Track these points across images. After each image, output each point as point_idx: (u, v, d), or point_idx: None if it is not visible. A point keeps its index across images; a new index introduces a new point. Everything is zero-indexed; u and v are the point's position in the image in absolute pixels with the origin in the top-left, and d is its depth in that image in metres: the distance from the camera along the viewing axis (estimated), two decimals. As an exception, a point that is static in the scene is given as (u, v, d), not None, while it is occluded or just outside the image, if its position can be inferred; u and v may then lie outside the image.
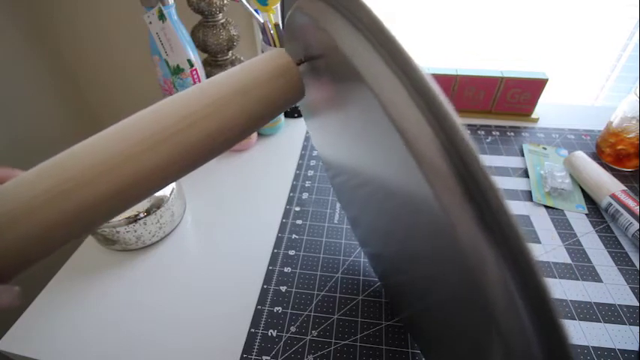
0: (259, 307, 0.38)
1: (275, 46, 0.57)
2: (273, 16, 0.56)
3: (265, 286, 0.39)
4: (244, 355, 0.34)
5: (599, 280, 0.39)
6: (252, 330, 0.36)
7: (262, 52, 0.63)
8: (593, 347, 0.34)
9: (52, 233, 0.18)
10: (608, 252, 0.41)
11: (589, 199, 0.48)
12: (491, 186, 0.13)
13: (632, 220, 0.42)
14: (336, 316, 0.37)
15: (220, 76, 0.23)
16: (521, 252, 0.12)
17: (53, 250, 0.19)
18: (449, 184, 0.14)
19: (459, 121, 0.13)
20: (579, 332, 0.35)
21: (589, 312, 0.36)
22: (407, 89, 0.15)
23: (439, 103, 0.14)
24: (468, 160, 0.13)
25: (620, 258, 0.41)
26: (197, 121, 0.21)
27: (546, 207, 0.47)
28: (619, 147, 0.51)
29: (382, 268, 0.33)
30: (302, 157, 0.56)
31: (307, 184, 0.52)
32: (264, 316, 0.37)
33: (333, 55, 0.19)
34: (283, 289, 0.39)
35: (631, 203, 0.43)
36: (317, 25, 0.20)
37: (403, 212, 0.18)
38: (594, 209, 0.46)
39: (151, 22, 0.48)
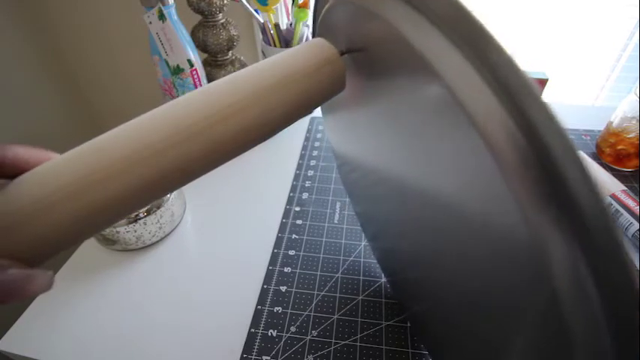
0: (259, 307, 0.38)
1: (275, 46, 0.57)
2: (273, 16, 0.56)
3: (265, 286, 0.39)
4: (244, 355, 0.34)
5: (599, 280, 0.39)
6: (252, 330, 0.36)
7: (262, 52, 0.62)
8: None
9: (80, 224, 0.18)
10: (608, 252, 0.41)
11: (589, 199, 0.48)
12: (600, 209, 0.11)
13: (632, 220, 0.42)
14: (336, 316, 0.37)
15: (259, 66, 0.21)
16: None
17: (81, 240, 0.19)
18: (538, 204, 0.12)
19: (564, 130, 0.11)
20: (579, 332, 0.35)
21: (589, 312, 0.36)
22: (491, 87, 0.13)
23: (537, 105, 0.12)
24: (569, 178, 0.11)
25: (620, 258, 0.41)
26: (236, 112, 0.20)
27: (546, 207, 0.47)
28: (619, 147, 0.51)
29: (397, 265, 0.32)
30: (302, 157, 0.56)
31: (307, 184, 0.52)
32: (264, 316, 0.37)
33: (389, 44, 0.17)
34: (283, 289, 0.39)
35: (631, 203, 0.43)
36: (369, 12, 0.18)
37: (457, 219, 0.17)
38: (594, 209, 0.46)
39: (150, 22, 0.48)
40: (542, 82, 0.58)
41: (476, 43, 0.13)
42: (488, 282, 0.16)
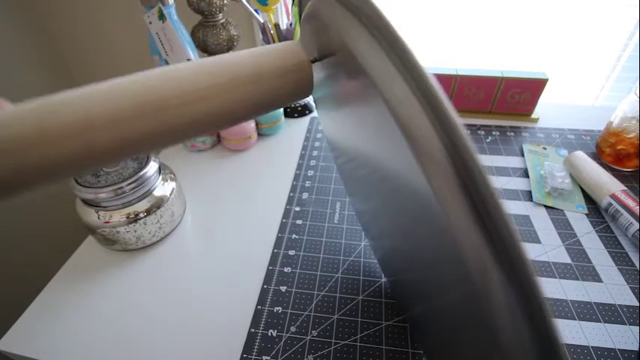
0: (259, 307, 0.38)
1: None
2: (273, 16, 0.56)
3: (265, 286, 0.39)
4: (244, 355, 0.34)
5: (599, 280, 0.39)
6: (252, 330, 0.36)
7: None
8: (593, 347, 0.34)
9: (32, 174, 0.19)
10: (608, 252, 0.41)
11: (589, 199, 0.48)
12: (488, 188, 0.13)
13: (632, 220, 0.42)
14: (336, 316, 0.37)
15: (233, 58, 0.23)
16: (517, 258, 0.12)
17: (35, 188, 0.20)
18: (449, 183, 0.14)
19: (459, 122, 0.14)
20: (579, 332, 0.35)
21: (589, 312, 0.36)
22: (412, 90, 0.15)
23: (441, 103, 0.14)
24: (467, 160, 0.13)
25: (620, 258, 0.41)
26: (203, 98, 0.21)
27: (546, 207, 0.47)
28: (619, 147, 0.51)
29: (388, 264, 0.33)
30: (302, 157, 0.56)
31: (307, 184, 0.52)
32: (264, 316, 0.37)
33: (345, 53, 0.19)
34: (283, 289, 0.39)
35: (631, 203, 0.43)
36: (326, 24, 0.20)
37: (406, 207, 0.19)
38: (594, 209, 0.46)
39: (150, 22, 0.48)
40: (542, 82, 0.58)
41: (399, 55, 0.16)
42: (440, 280, 0.18)
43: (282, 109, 0.60)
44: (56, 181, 0.20)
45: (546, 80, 0.58)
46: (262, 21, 0.56)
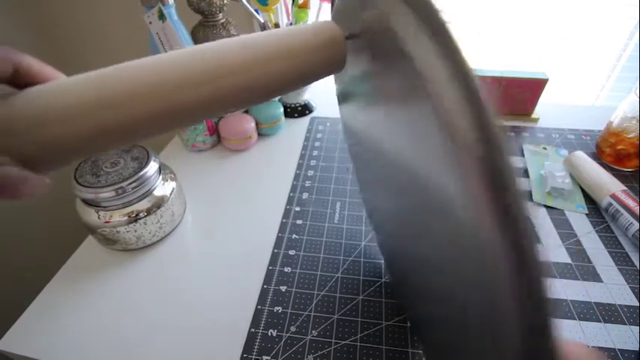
0: (259, 307, 0.38)
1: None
2: (273, 16, 0.56)
3: (265, 286, 0.39)
4: (244, 355, 0.34)
5: (599, 280, 0.39)
6: (252, 330, 0.36)
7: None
8: (593, 347, 0.34)
9: (83, 141, 0.20)
10: (608, 252, 0.41)
11: (589, 199, 0.48)
12: (519, 199, 0.12)
13: (632, 220, 0.42)
14: (336, 316, 0.37)
15: (267, 35, 0.23)
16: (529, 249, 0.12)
17: (80, 157, 0.21)
18: (481, 186, 0.13)
19: (497, 118, 0.13)
20: (579, 332, 0.35)
21: (589, 312, 0.36)
22: (456, 88, 0.15)
23: (483, 102, 0.14)
24: (503, 170, 0.13)
25: (620, 258, 0.41)
26: (237, 73, 0.22)
27: (546, 207, 0.47)
28: (619, 147, 0.51)
29: (390, 251, 0.33)
30: (302, 157, 0.56)
31: (307, 184, 0.52)
32: (264, 316, 0.37)
33: (384, 33, 0.19)
34: (283, 289, 0.39)
35: (631, 203, 0.43)
36: (367, 3, 0.20)
37: (431, 205, 0.18)
38: (594, 209, 0.46)
39: (151, 22, 0.48)
40: (543, 82, 0.58)
41: (443, 42, 0.15)
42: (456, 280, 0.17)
43: (282, 109, 0.60)
44: (107, 148, 0.21)
45: (546, 80, 0.58)
46: (262, 21, 0.56)
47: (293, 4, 0.57)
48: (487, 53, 0.79)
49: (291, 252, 0.43)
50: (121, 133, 0.20)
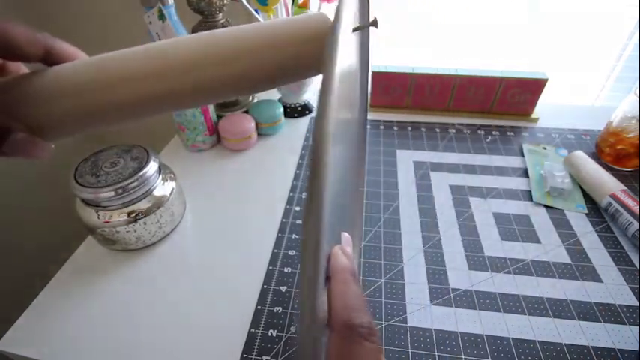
0: (259, 307, 0.38)
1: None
2: (272, 16, 0.56)
3: (265, 286, 0.39)
4: (244, 355, 0.34)
5: (599, 280, 0.39)
6: (252, 330, 0.36)
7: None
8: (593, 347, 0.34)
9: (94, 115, 0.22)
10: (608, 252, 0.41)
11: (589, 199, 0.48)
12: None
13: (631, 219, 0.42)
14: (336, 316, 0.36)
15: (258, 25, 0.23)
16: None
17: (89, 129, 0.23)
18: None
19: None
20: (579, 332, 0.35)
21: (589, 312, 0.36)
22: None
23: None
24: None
25: (620, 258, 0.41)
26: (225, 61, 0.22)
27: (546, 207, 0.47)
28: (619, 147, 0.51)
29: None
30: (302, 157, 0.56)
31: (307, 184, 0.52)
32: (264, 316, 0.37)
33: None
34: (283, 289, 0.39)
35: (631, 203, 0.43)
36: None
37: None
38: (594, 209, 0.46)
39: (151, 22, 0.48)
40: (542, 82, 0.58)
41: None
42: None
43: (282, 109, 0.60)
44: (111, 124, 0.23)
45: (546, 80, 0.58)
46: (262, 21, 0.56)
47: (293, 3, 0.57)
48: (487, 53, 0.79)
49: (291, 252, 0.43)
50: (122, 111, 0.22)
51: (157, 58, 0.22)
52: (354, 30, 0.23)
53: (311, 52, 0.23)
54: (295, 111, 0.65)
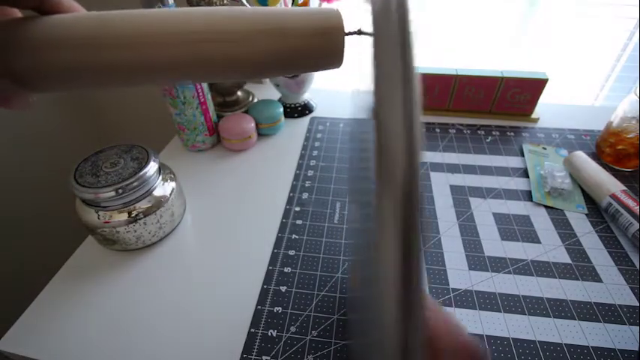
0: (259, 307, 0.38)
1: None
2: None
3: (265, 286, 0.39)
4: (244, 355, 0.34)
5: (599, 280, 0.39)
6: (252, 330, 0.36)
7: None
8: (593, 347, 0.34)
9: (83, 72, 0.21)
10: (608, 252, 0.41)
11: (589, 199, 0.48)
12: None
13: (632, 220, 0.42)
14: (336, 316, 0.37)
15: (263, 9, 0.22)
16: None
17: (75, 87, 0.22)
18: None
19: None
20: (579, 332, 0.35)
21: (589, 312, 0.36)
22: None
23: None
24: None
25: (620, 258, 0.41)
26: (228, 40, 0.21)
27: (546, 207, 0.47)
28: (619, 147, 0.51)
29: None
30: (302, 157, 0.56)
31: (307, 184, 0.52)
32: (264, 316, 0.37)
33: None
34: (283, 289, 0.39)
35: (631, 203, 0.43)
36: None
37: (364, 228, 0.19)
38: (594, 209, 0.46)
39: (150, 22, 0.47)
40: (542, 82, 0.58)
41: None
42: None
43: (282, 109, 0.60)
44: (108, 85, 0.22)
45: (546, 80, 0.58)
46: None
47: (293, 4, 0.57)
48: (487, 53, 0.79)
49: (291, 252, 0.43)
50: (118, 74, 0.21)
51: (170, 23, 0.21)
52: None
53: (319, 44, 0.22)
54: (295, 111, 0.65)
